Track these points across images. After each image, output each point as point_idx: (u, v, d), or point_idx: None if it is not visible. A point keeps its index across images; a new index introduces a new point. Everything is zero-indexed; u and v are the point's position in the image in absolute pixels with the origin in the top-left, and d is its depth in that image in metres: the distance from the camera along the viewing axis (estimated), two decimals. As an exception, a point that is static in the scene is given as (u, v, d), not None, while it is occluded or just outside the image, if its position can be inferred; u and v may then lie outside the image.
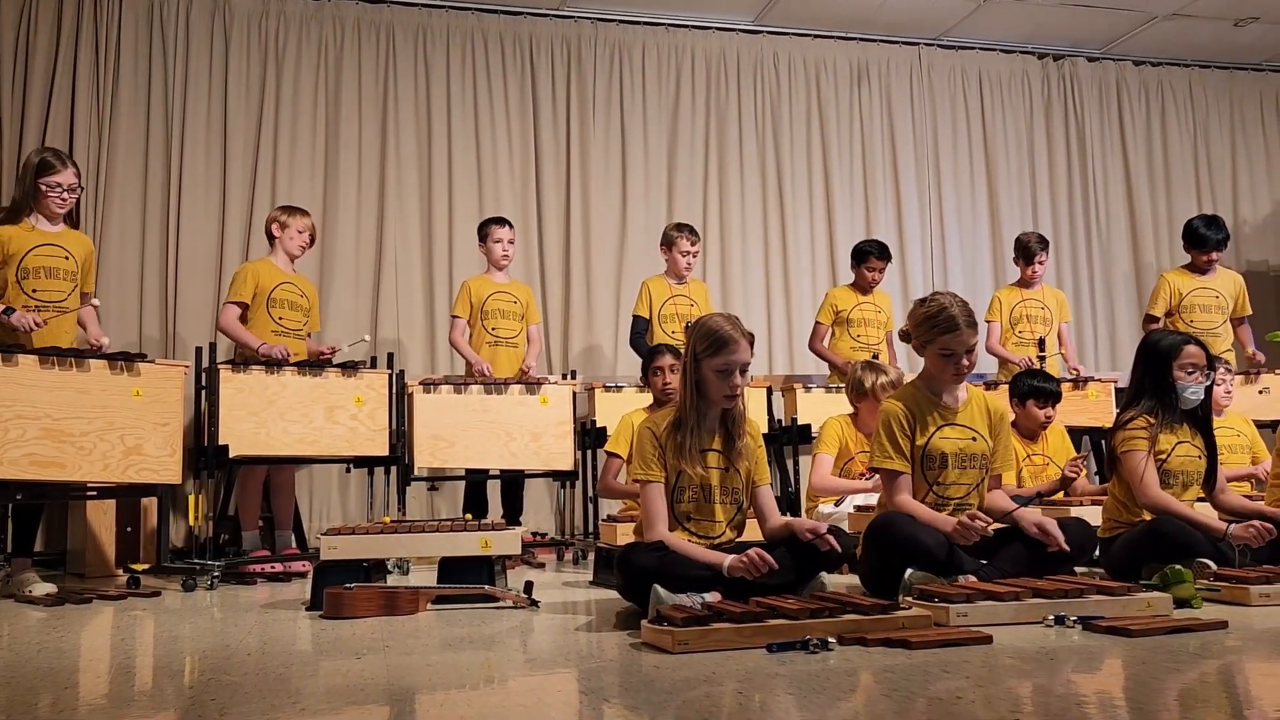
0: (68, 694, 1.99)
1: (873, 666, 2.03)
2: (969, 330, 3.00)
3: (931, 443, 3.02)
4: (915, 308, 3.12)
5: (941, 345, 3.00)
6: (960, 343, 2.98)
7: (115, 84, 5.64)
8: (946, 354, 2.99)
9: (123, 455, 3.67)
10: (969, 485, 3.06)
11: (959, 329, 2.98)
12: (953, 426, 3.05)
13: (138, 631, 2.83)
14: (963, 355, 2.99)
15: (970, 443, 3.05)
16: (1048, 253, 5.47)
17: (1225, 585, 2.84)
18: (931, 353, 3.03)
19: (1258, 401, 5.02)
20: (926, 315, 3.04)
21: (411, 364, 5.71)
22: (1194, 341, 3.35)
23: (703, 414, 2.86)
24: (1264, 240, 7.29)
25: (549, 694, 1.91)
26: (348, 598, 2.93)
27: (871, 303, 5.42)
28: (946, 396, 3.09)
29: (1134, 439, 3.25)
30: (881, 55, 6.87)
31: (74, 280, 3.97)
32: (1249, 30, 6.85)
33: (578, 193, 6.26)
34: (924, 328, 3.04)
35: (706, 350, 2.80)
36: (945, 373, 3.03)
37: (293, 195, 5.68)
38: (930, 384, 3.10)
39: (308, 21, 6.01)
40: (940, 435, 3.03)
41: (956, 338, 2.98)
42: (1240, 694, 1.82)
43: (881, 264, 5.39)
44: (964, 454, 3.04)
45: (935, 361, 3.03)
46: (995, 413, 3.15)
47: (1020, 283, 5.46)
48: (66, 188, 3.90)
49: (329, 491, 5.64)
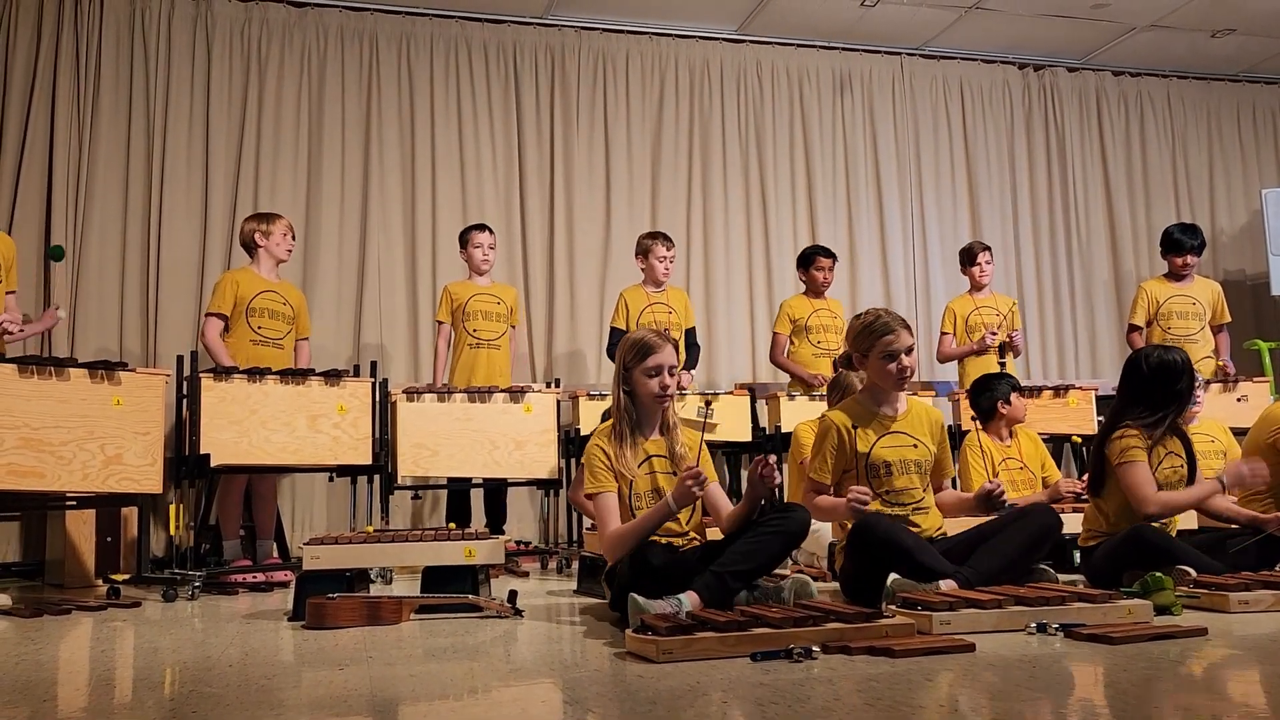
0: (46, 706, 1.97)
1: (856, 675, 2.03)
2: (904, 331, 3.12)
3: (874, 452, 3.11)
4: (850, 326, 3.25)
5: (882, 347, 3.10)
6: (900, 341, 3.09)
7: (96, 92, 5.61)
8: (888, 356, 3.08)
9: (103, 465, 3.64)
10: (918, 488, 3.14)
11: (895, 330, 3.10)
12: (893, 435, 3.15)
13: (117, 642, 2.80)
14: (902, 354, 3.09)
15: (911, 449, 3.15)
16: (990, 254, 5.57)
17: (1205, 592, 2.87)
18: (874, 359, 3.13)
19: (1236, 409, 5.07)
20: (863, 326, 3.16)
21: (395, 372, 5.70)
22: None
23: (638, 422, 2.99)
24: (1240, 250, 7.36)
25: (533, 704, 1.91)
26: (330, 607, 2.91)
27: (826, 308, 5.47)
28: (886, 408, 3.18)
29: (1133, 449, 3.28)
30: (864, 65, 6.91)
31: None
32: (1226, 41, 6.93)
33: (561, 200, 6.27)
34: (862, 337, 3.15)
35: (634, 358, 2.96)
36: (889, 377, 3.12)
37: (275, 203, 5.66)
38: (872, 396, 3.21)
39: (290, 29, 5.99)
40: (881, 445, 3.12)
41: (897, 337, 3.09)
42: (1220, 701, 1.83)
43: (829, 262, 5.50)
44: (905, 461, 3.13)
45: (878, 367, 3.13)
46: (935, 421, 3.26)
47: (971, 289, 5.55)
48: None
49: (311, 501, 5.61)
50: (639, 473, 2.96)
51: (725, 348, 6.37)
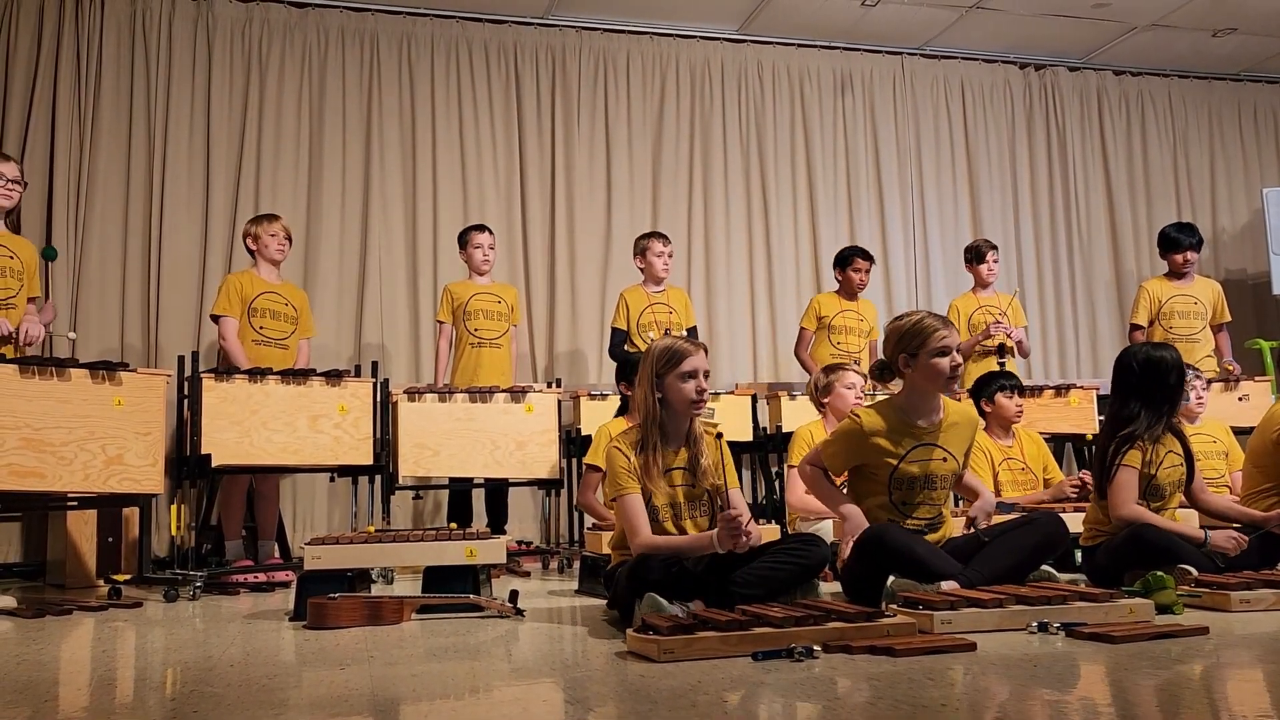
0: (47, 707, 1.97)
1: (857, 674, 2.03)
2: (951, 327, 3.07)
3: (901, 467, 3.04)
4: (890, 329, 3.15)
5: (934, 344, 3.00)
6: (952, 337, 3.03)
7: (97, 92, 5.61)
8: (940, 352, 3.00)
9: (104, 465, 3.64)
10: (937, 506, 3.09)
11: (943, 326, 3.03)
12: (924, 447, 3.07)
13: (119, 643, 2.81)
14: (955, 351, 3.03)
15: (940, 464, 3.07)
16: (997, 254, 5.57)
17: (1206, 591, 2.87)
18: (924, 359, 3.02)
19: (1238, 409, 5.06)
20: (910, 325, 3.07)
21: (396, 372, 5.70)
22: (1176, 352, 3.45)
23: (667, 432, 2.92)
24: (1241, 249, 7.36)
25: (534, 704, 1.91)
26: (331, 607, 2.91)
27: (855, 310, 5.45)
28: (922, 419, 3.09)
29: (1129, 453, 3.30)
30: (865, 65, 6.91)
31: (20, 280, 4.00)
32: (1227, 41, 6.92)
33: (562, 200, 6.27)
34: (909, 336, 3.05)
35: (666, 365, 2.90)
36: (940, 376, 3.01)
37: (276, 203, 5.66)
38: (909, 403, 3.10)
39: (291, 30, 5.99)
40: (911, 458, 3.05)
41: (949, 333, 3.03)
42: (1221, 700, 1.83)
43: (866, 264, 5.45)
44: (932, 475, 3.06)
45: (928, 368, 3.01)
46: (972, 426, 3.22)
47: (975, 287, 5.55)
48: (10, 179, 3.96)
49: (313, 501, 5.61)
50: (661, 484, 2.89)
51: (726, 347, 6.36)
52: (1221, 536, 3.18)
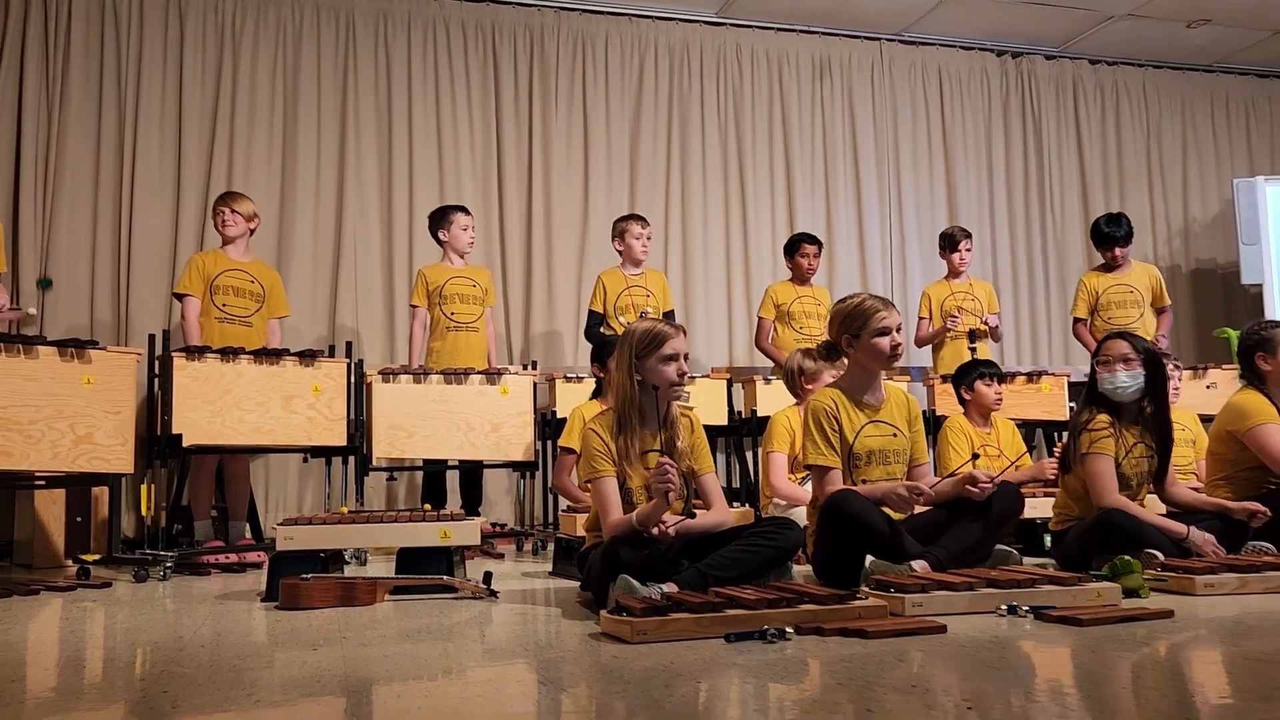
0: (14, 687, 1.95)
1: (829, 656, 2.05)
2: (893, 309, 3.13)
3: (858, 441, 3.10)
4: (834, 311, 3.22)
5: (875, 324, 3.08)
6: (892, 318, 3.10)
7: (65, 68, 5.52)
8: (881, 332, 3.07)
9: (73, 444, 3.60)
10: (897, 479, 3.13)
11: (883, 308, 3.11)
12: (875, 424, 3.14)
13: (87, 623, 2.78)
14: (895, 331, 3.08)
15: (891, 439, 3.15)
16: (971, 242, 5.60)
17: (1172, 575, 2.91)
18: (865, 339, 3.10)
19: (1206, 396, 5.13)
20: (852, 307, 3.15)
21: (370, 353, 5.66)
22: (1118, 335, 3.50)
23: (645, 414, 2.93)
24: (1212, 239, 7.44)
25: (508, 684, 1.91)
26: (304, 588, 2.90)
27: (811, 295, 5.49)
28: (869, 395, 3.17)
29: (1102, 440, 3.33)
30: (843, 49, 6.91)
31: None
32: (1201, 32, 6.98)
33: (539, 182, 6.24)
34: (852, 318, 3.13)
35: (647, 348, 2.91)
36: (881, 356, 3.09)
37: (249, 182, 5.60)
38: (856, 384, 3.18)
39: (265, 6, 5.91)
40: (865, 433, 3.12)
41: (889, 314, 3.10)
42: (1185, 681, 1.86)
43: (814, 249, 5.51)
44: (885, 451, 3.14)
45: (870, 347, 3.10)
46: (912, 408, 3.27)
47: (948, 275, 5.58)
48: None
49: (286, 481, 5.58)
50: (638, 467, 2.90)
51: (703, 330, 6.37)
52: (1203, 539, 3.22)
